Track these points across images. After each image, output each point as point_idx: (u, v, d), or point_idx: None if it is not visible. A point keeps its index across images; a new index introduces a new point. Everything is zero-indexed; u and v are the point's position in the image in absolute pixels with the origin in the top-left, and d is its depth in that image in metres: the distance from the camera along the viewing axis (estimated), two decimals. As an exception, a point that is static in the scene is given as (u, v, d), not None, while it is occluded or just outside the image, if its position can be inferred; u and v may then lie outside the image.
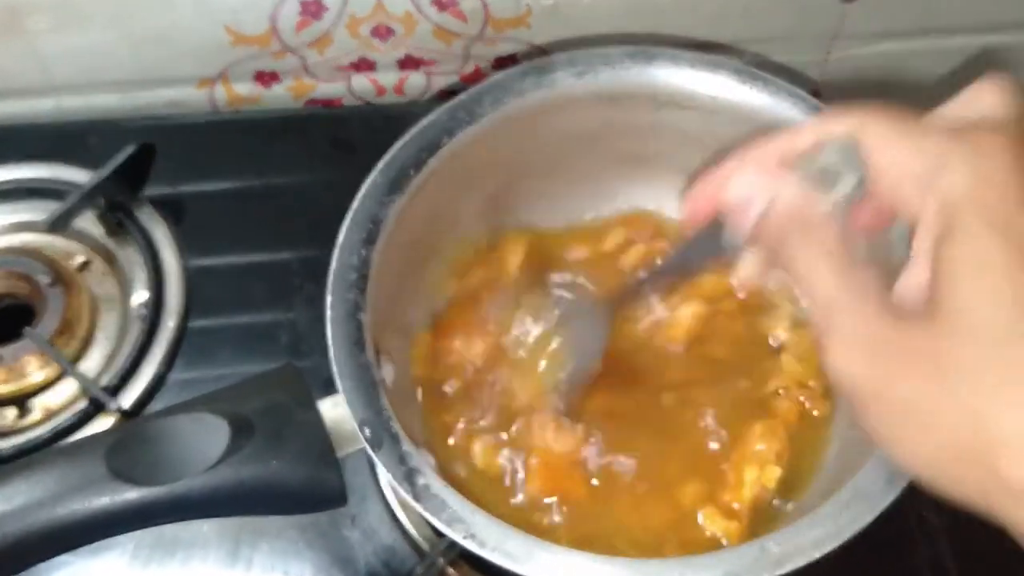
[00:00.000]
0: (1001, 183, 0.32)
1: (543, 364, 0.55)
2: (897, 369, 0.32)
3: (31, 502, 0.41)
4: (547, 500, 0.53)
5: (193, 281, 0.64)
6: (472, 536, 0.43)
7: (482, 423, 0.56)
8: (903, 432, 0.32)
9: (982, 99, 0.35)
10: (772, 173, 0.38)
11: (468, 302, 0.60)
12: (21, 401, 0.60)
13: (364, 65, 0.70)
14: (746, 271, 0.42)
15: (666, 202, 0.63)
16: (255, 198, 0.68)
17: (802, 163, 0.37)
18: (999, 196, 0.32)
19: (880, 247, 0.40)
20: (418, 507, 0.44)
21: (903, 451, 0.33)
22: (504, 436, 0.55)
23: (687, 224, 0.42)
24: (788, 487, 0.54)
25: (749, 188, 0.38)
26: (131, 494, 0.42)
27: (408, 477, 0.45)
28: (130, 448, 0.43)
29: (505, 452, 0.55)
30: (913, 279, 0.34)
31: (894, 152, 0.35)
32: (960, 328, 0.31)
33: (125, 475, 0.42)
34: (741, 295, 0.59)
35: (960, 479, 0.31)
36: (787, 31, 0.69)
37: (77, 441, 0.56)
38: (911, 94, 0.74)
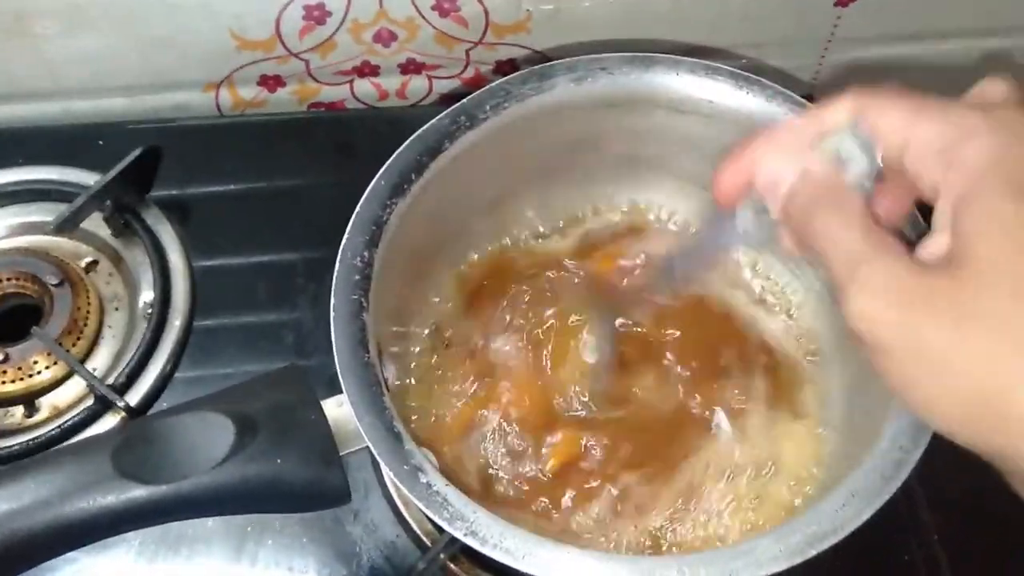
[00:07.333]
0: (1022, 151, 0.34)
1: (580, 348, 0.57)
2: (919, 316, 0.33)
3: (39, 500, 0.41)
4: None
5: (199, 281, 0.65)
6: (473, 533, 0.43)
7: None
8: (921, 375, 0.33)
9: (992, 91, 0.37)
10: (799, 152, 0.39)
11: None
12: (29, 400, 0.60)
13: (367, 69, 0.70)
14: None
15: (664, 203, 0.63)
16: (260, 200, 0.68)
17: (820, 145, 0.39)
18: (1020, 162, 0.33)
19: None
20: (420, 505, 0.44)
21: (919, 395, 0.34)
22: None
23: (718, 202, 0.43)
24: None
25: (778, 166, 0.39)
26: (137, 492, 0.42)
27: (411, 475, 0.44)
28: (136, 447, 0.43)
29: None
30: (934, 247, 0.35)
31: (916, 129, 0.36)
32: (983, 279, 0.32)
33: (131, 474, 0.42)
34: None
35: (973, 420, 0.32)
36: (782, 35, 0.69)
37: (84, 440, 0.56)
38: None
